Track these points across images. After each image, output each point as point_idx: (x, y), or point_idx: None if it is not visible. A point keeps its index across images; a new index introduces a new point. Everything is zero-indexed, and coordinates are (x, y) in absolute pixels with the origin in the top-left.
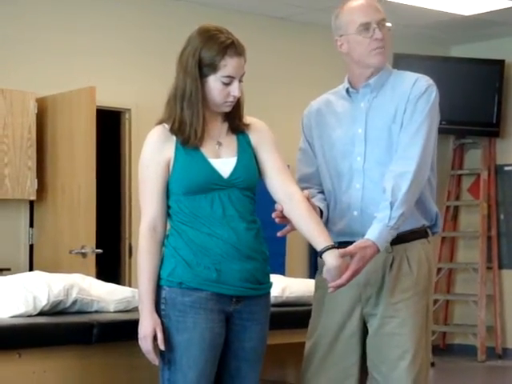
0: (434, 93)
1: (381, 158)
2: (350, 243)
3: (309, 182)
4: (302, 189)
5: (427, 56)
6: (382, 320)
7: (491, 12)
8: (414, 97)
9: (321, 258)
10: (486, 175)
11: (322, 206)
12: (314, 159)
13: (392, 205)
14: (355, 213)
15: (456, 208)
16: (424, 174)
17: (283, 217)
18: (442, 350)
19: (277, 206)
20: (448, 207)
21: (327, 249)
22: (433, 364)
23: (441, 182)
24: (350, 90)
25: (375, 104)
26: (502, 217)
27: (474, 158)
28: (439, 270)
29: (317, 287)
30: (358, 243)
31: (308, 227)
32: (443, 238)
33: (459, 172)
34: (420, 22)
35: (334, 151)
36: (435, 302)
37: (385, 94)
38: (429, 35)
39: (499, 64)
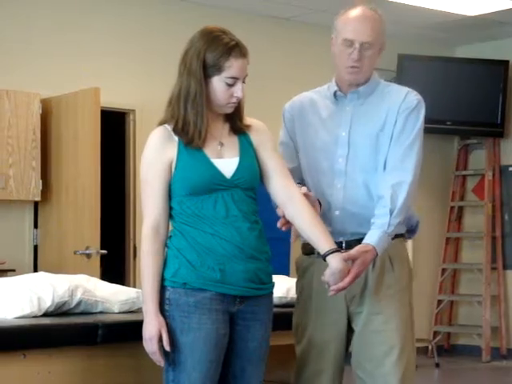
0: (423, 108)
1: (364, 162)
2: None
3: (294, 176)
4: None
5: (431, 57)
6: (368, 317)
7: (495, 12)
8: (405, 109)
9: (324, 260)
10: (491, 176)
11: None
12: (295, 154)
13: (391, 212)
14: (337, 212)
15: (460, 208)
16: (416, 185)
17: (287, 222)
18: (447, 350)
19: (278, 212)
20: (452, 208)
21: (331, 252)
22: (437, 365)
23: (445, 183)
24: (338, 93)
25: (361, 110)
26: (506, 217)
27: (479, 158)
28: (444, 270)
29: (300, 291)
30: (359, 248)
31: (310, 230)
32: (448, 239)
33: (464, 172)
34: (424, 23)
35: (316, 151)
36: (440, 302)
37: (372, 103)
38: (433, 36)
39: (503, 64)
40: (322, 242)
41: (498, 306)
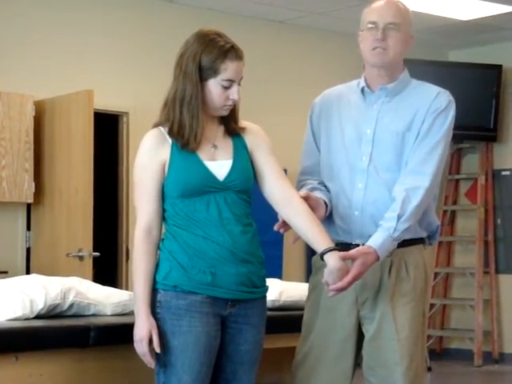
0: (452, 110)
1: (388, 162)
2: (348, 245)
3: (311, 174)
4: (304, 180)
5: (425, 61)
6: (380, 324)
7: (489, 17)
8: (435, 110)
9: (322, 259)
10: (484, 180)
11: (325, 198)
12: (315, 150)
13: (399, 217)
14: (356, 213)
15: (453, 212)
16: (434, 190)
17: (285, 225)
18: (439, 354)
19: (279, 217)
20: (445, 212)
21: (329, 250)
22: (429, 368)
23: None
24: (366, 89)
25: (388, 108)
26: (499, 221)
27: (472, 162)
28: (436, 274)
29: (312, 288)
30: (360, 249)
31: (308, 229)
32: (440, 243)
33: (456, 176)
34: (418, 27)
35: (339, 147)
36: (432, 306)
37: (400, 101)
38: (427, 40)
39: (497, 69)
40: (320, 242)
41: (490, 310)
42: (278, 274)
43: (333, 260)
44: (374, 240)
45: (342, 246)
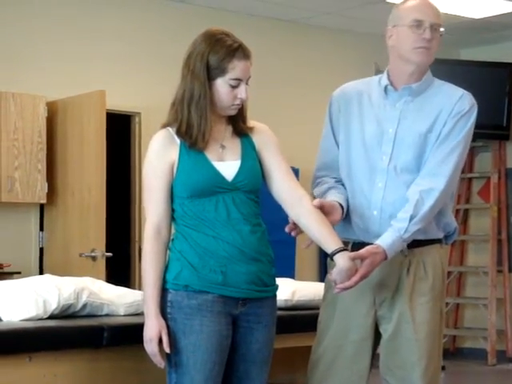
0: (474, 113)
1: (408, 162)
2: (365, 244)
3: (329, 169)
4: (321, 177)
5: (437, 59)
6: (398, 324)
7: (501, 15)
8: (458, 113)
9: (332, 260)
10: (497, 178)
11: (341, 199)
12: (334, 146)
13: (412, 218)
14: (375, 212)
15: (466, 211)
16: (449, 191)
17: (296, 227)
18: (452, 353)
19: (290, 219)
20: (458, 210)
21: (339, 251)
22: (443, 367)
23: None
24: (389, 87)
25: (411, 108)
26: None
27: (484, 161)
28: (449, 273)
29: (328, 287)
30: (370, 248)
31: (318, 230)
32: (453, 242)
33: (469, 175)
34: None
35: (359, 145)
36: (446, 305)
37: (423, 101)
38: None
39: (509, 67)
40: (329, 242)
41: (503, 308)
42: (290, 274)
43: (342, 260)
44: (384, 240)
45: (359, 245)
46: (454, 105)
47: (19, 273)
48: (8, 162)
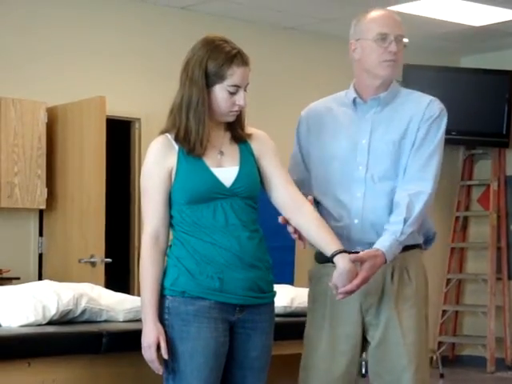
0: (445, 118)
1: (385, 170)
2: (347, 252)
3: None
4: None
5: (437, 67)
6: (386, 330)
7: (501, 23)
8: (429, 118)
9: (332, 262)
10: (496, 186)
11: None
12: (302, 165)
13: (406, 221)
14: (356, 221)
15: (465, 218)
16: (433, 196)
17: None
18: (451, 361)
19: (280, 220)
20: (457, 218)
21: (339, 252)
22: (442, 375)
23: (450, 193)
24: (358, 100)
25: (382, 117)
26: (511, 228)
27: (484, 168)
28: (448, 280)
29: (313, 300)
30: (369, 251)
31: (318, 234)
32: (452, 249)
33: (469, 182)
34: (430, 33)
35: (333, 159)
36: (444, 312)
37: (393, 110)
38: (438, 46)
39: (509, 74)
40: (329, 244)
41: (502, 316)
42: (289, 280)
43: (342, 262)
44: (382, 243)
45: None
46: (425, 110)
47: (18, 278)
48: (8, 167)
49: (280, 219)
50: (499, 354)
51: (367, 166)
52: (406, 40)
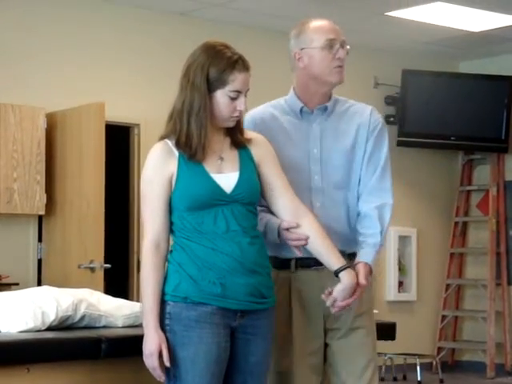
0: (385, 126)
1: (338, 179)
2: (311, 259)
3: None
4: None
5: (436, 72)
6: (348, 332)
7: (500, 28)
8: (375, 127)
9: (337, 276)
10: (495, 191)
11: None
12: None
13: (381, 233)
14: None
15: (465, 224)
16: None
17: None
18: (451, 366)
19: (283, 224)
20: (456, 223)
21: (344, 268)
22: (442, 381)
23: (449, 198)
24: (305, 109)
25: (328, 126)
26: (511, 233)
27: (483, 173)
28: (448, 286)
29: (277, 304)
30: (361, 265)
31: (322, 247)
32: (452, 254)
33: (468, 188)
34: (428, 38)
35: (287, 168)
36: (444, 318)
37: (338, 119)
38: (437, 51)
39: (508, 80)
40: (334, 259)
41: (502, 321)
42: None
43: (348, 277)
44: (367, 257)
45: (303, 260)
46: (369, 119)
47: (17, 284)
48: (7, 173)
49: (284, 224)
50: (499, 359)
51: (322, 176)
52: (348, 47)
